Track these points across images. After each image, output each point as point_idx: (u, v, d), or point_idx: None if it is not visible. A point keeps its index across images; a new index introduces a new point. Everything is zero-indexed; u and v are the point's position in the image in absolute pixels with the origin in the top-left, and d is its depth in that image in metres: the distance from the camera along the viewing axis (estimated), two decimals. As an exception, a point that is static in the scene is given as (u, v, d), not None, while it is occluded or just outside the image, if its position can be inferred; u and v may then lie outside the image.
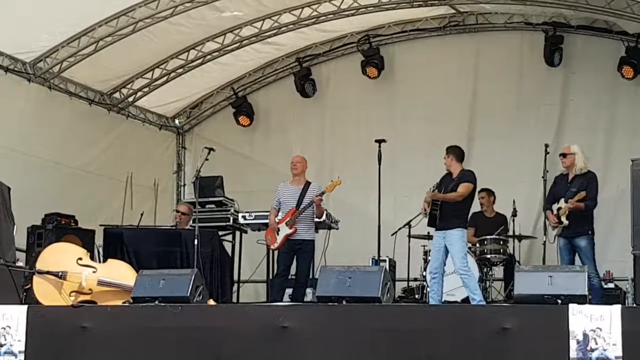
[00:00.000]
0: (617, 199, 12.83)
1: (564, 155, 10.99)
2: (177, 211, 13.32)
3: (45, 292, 9.07)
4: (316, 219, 11.88)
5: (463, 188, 10.71)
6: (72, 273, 9.11)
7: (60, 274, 9.09)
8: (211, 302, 9.08)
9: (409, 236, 12.89)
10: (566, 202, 10.65)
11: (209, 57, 14.82)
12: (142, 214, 13.21)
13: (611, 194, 12.88)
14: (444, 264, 10.78)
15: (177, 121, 16.34)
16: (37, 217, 12.42)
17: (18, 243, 11.18)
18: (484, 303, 10.70)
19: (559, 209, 10.72)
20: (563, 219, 10.61)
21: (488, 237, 12.42)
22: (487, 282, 12.38)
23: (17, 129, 12.90)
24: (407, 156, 14.46)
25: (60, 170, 13.60)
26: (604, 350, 7.07)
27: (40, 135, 13.31)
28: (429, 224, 11.06)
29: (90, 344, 8.27)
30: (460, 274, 10.67)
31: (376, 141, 12.38)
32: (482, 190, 12.82)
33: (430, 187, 10.95)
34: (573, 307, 7.25)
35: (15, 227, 10.63)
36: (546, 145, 11.52)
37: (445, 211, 10.70)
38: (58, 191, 13.40)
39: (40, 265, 9.23)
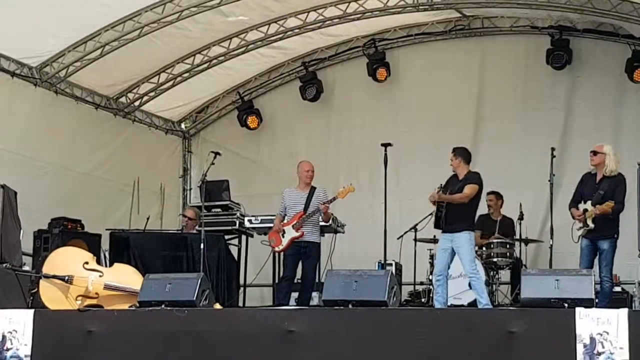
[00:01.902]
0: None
1: (594, 152, 10.70)
2: (184, 215, 13.34)
3: (51, 296, 9.09)
4: (322, 223, 11.87)
5: (469, 189, 10.65)
6: (78, 277, 9.12)
7: (66, 278, 9.10)
8: (217, 306, 9.08)
9: (415, 240, 12.88)
10: (593, 205, 10.51)
11: (214, 61, 14.84)
12: (148, 218, 13.26)
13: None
14: (449, 267, 10.77)
15: (183, 125, 16.36)
16: (44, 222, 12.44)
17: (24, 247, 11.19)
18: (490, 306, 10.68)
19: (584, 210, 10.62)
20: (589, 222, 10.50)
21: (495, 240, 12.41)
22: (494, 286, 12.36)
23: (23, 133, 12.91)
24: (412, 160, 14.45)
25: (66, 175, 13.60)
26: (611, 353, 7.06)
27: (47, 140, 13.32)
28: (435, 226, 11.03)
29: (96, 348, 8.27)
30: (469, 276, 10.67)
31: (382, 145, 12.39)
32: (491, 192, 12.83)
33: (435, 188, 10.92)
34: (580, 311, 7.24)
35: (21, 231, 10.64)
36: (552, 149, 11.52)
37: (452, 213, 10.64)
38: (65, 196, 13.41)
39: (46, 269, 9.24)
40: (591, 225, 10.44)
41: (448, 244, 10.65)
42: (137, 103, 15.09)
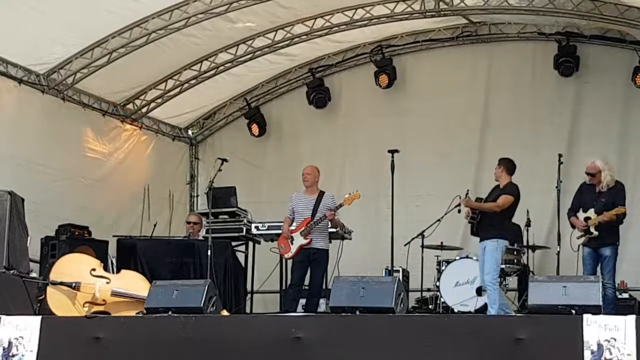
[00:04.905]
0: (630, 209, 12.78)
1: (592, 175, 10.79)
2: (189, 222, 13.35)
3: (58, 302, 9.09)
4: (331, 229, 11.87)
5: (502, 199, 10.75)
6: (85, 284, 9.13)
7: (73, 284, 9.11)
8: (224, 312, 9.08)
9: (422, 246, 12.87)
10: (597, 212, 10.55)
11: (221, 68, 14.85)
12: (155, 225, 13.28)
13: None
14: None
15: (190, 132, 16.39)
16: (52, 229, 12.45)
17: (32, 254, 11.20)
18: (499, 317, 10.69)
19: (587, 218, 10.63)
20: (592, 229, 10.53)
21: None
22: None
23: (30, 139, 12.93)
24: (419, 166, 14.45)
25: (74, 182, 13.62)
26: (619, 360, 7.04)
27: (54, 146, 13.33)
28: (471, 233, 11.17)
29: (103, 355, 8.25)
30: (486, 284, 10.68)
31: (389, 151, 12.40)
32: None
33: (463, 194, 11.01)
34: (587, 317, 7.21)
35: (29, 238, 10.65)
36: (560, 155, 11.53)
37: (483, 221, 10.82)
38: (74, 203, 13.43)
39: (54, 276, 9.25)
40: (595, 232, 10.48)
41: (482, 251, 10.76)
42: (144, 110, 15.11)
